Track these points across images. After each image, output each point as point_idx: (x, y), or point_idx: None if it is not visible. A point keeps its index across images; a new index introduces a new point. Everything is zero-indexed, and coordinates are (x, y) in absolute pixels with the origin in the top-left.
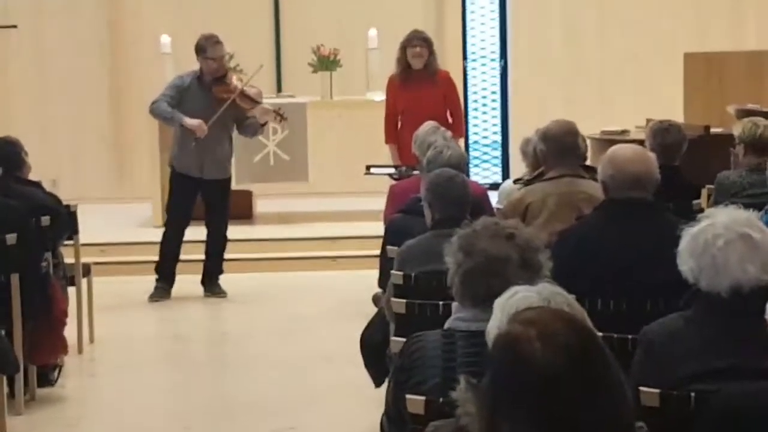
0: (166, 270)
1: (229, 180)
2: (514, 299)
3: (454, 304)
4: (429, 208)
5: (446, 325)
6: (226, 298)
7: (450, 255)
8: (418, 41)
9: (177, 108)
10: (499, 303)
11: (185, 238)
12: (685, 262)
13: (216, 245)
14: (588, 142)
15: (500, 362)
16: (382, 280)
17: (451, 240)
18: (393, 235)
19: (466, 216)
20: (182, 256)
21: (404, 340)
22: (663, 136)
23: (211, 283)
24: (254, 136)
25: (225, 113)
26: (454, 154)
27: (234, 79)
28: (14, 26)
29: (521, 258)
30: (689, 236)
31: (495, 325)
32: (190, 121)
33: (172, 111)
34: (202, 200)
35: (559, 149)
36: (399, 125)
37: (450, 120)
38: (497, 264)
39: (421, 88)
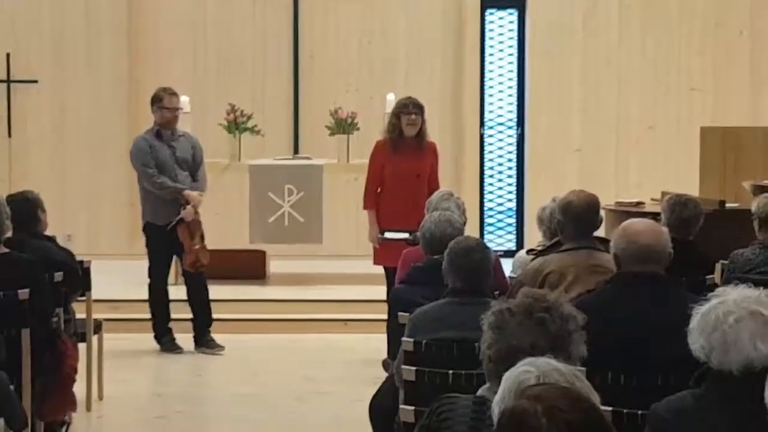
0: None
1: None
2: (514, 374)
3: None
4: (445, 275)
5: (479, 392)
6: (224, 354)
7: (483, 330)
8: (414, 108)
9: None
10: (504, 377)
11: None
12: (696, 341)
13: (199, 294)
14: (602, 212)
15: None
16: (391, 350)
17: (486, 314)
18: (396, 307)
19: (481, 287)
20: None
21: (413, 408)
22: (680, 210)
23: (203, 337)
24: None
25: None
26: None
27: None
28: (35, 81)
29: (551, 341)
30: (699, 315)
31: (498, 398)
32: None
33: (173, 184)
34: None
35: (578, 225)
36: (379, 190)
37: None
38: (524, 350)
39: (411, 156)
